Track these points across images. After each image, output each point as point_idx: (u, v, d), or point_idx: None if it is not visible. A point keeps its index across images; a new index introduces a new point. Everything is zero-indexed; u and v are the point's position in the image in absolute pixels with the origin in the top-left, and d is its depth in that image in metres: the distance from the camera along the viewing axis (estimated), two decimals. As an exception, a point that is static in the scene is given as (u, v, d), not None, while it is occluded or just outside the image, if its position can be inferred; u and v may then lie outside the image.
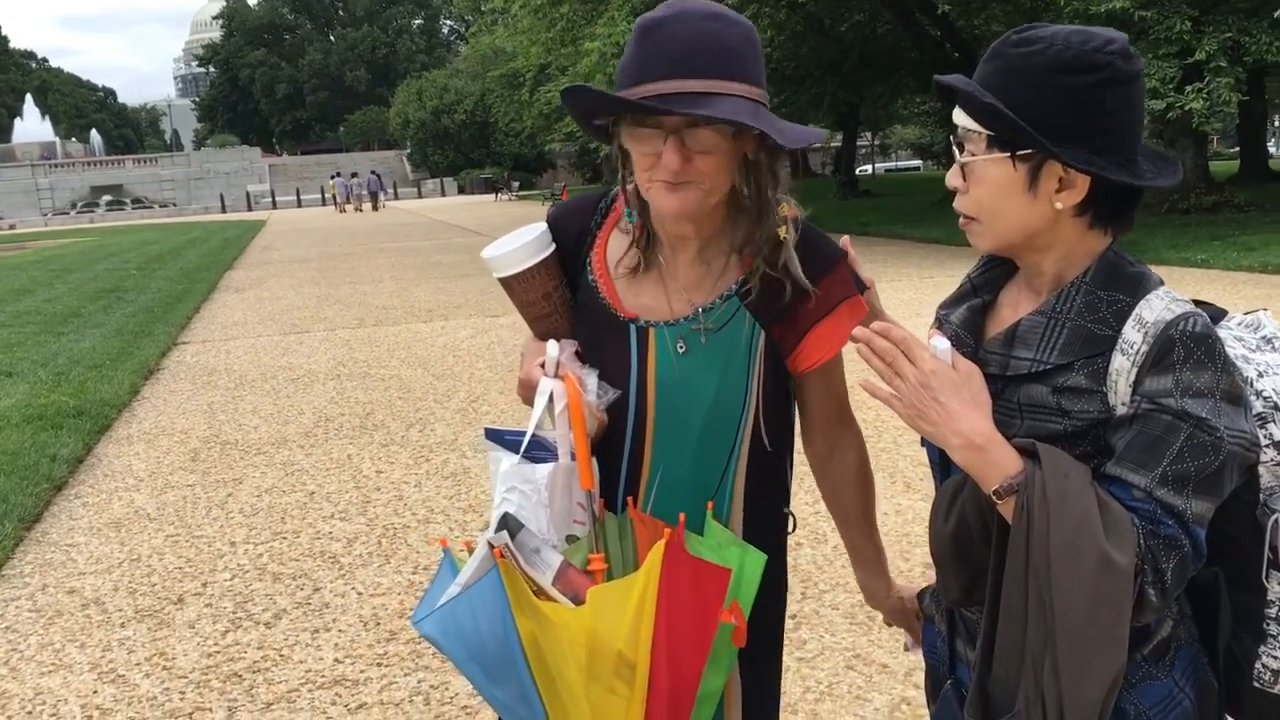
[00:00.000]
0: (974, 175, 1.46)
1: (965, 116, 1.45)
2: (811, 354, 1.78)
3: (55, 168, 70.42)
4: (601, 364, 1.74)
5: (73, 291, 17.12)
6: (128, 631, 4.28)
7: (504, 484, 1.65)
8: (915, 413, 1.42)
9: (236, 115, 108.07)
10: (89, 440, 7.34)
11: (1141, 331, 1.38)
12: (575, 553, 1.61)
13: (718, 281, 1.76)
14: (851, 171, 34.46)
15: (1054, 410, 1.43)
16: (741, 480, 1.79)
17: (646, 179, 1.62)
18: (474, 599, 1.52)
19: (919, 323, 8.98)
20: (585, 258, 1.81)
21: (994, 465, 1.38)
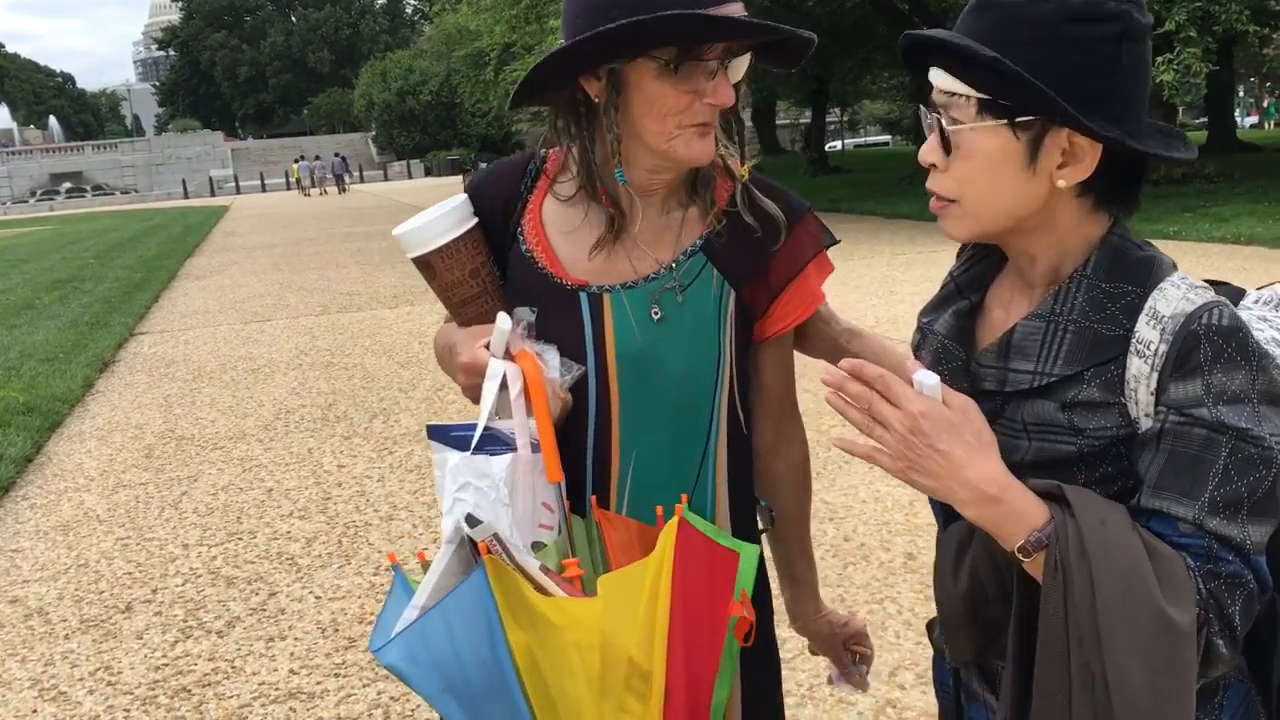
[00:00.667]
0: (960, 148, 1.22)
1: (948, 77, 1.22)
2: (783, 315, 1.59)
3: (13, 155, 69.29)
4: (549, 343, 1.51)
5: (27, 282, 16.70)
6: (72, 644, 4.05)
7: (455, 481, 1.40)
8: (907, 465, 1.17)
9: (198, 99, 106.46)
10: (39, 438, 7.06)
11: (1158, 328, 1.16)
12: (546, 559, 1.38)
13: (681, 235, 1.56)
14: (821, 148, 34.25)
15: (1065, 429, 1.21)
16: (723, 467, 1.59)
17: (675, 124, 1.41)
18: (450, 612, 1.28)
19: (892, 300, 8.84)
20: (516, 227, 1.59)
21: (1015, 517, 1.15)
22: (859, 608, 3.84)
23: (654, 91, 1.40)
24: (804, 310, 1.60)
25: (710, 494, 1.58)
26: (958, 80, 1.21)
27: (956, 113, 1.22)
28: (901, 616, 3.75)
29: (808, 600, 1.77)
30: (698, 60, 1.38)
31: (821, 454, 5.59)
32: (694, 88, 1.39)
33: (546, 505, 1.41)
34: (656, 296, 1.51)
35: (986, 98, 1.19)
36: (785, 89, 29.78)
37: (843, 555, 4.32)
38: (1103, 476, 1.20)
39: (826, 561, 4.27)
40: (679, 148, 1.43)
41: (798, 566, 1.76)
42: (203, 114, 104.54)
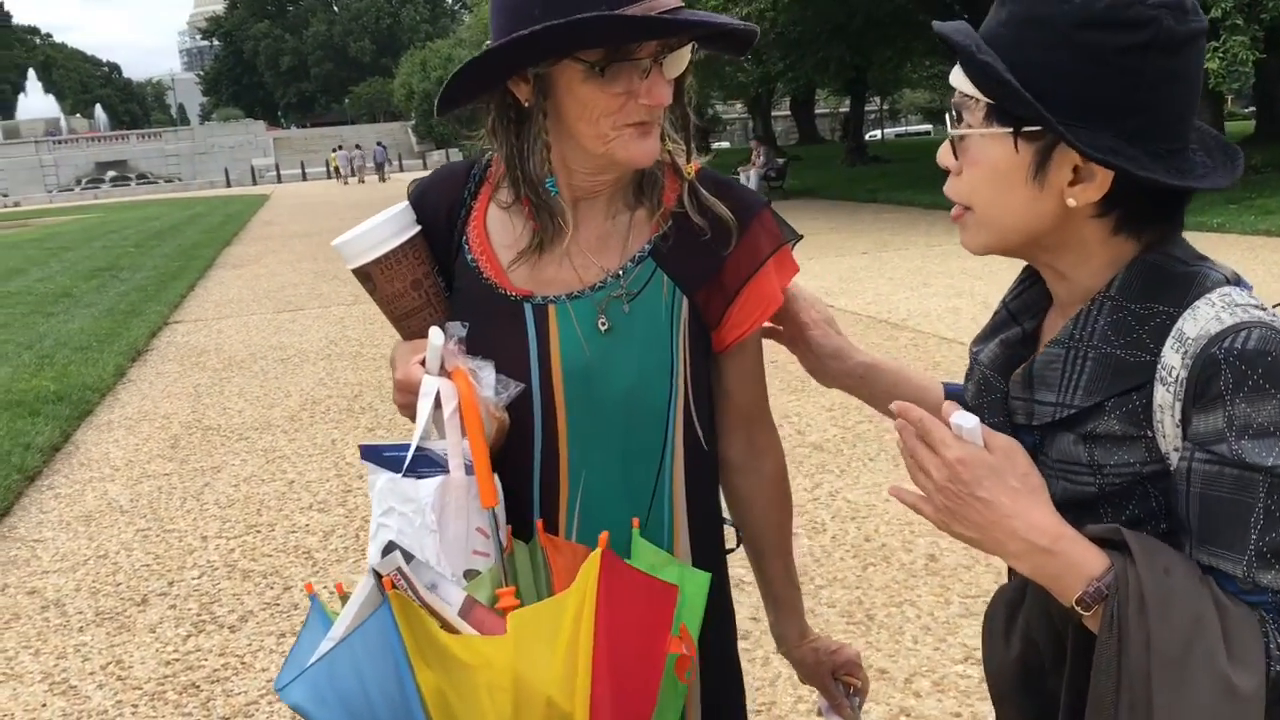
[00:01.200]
0: (968, 154, 1.14)
1: (961, 76, 1.13)
2: (741, 319, 1.49)
3: (60, 144, 70.12)
4: (493, 357, 1.41)
5: (67, 270, 16.87)
6: (85, 637, 4.05)
7: (379, 505, 1.33)
8: (949, 516, 1.08)
9: (241, 88, 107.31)
10: (67, 427, 7.10)
11: (1181, 351, 1.04)
12: (478, 589, 1.30)
13: (628, 240, 1.46)
14: (860, 137, 33.91)
15: (1084, 466, 1.11)
16: (681, 484, 1.50)
17: (610, 126, 1.32)
18: (357, 648, 1.20)
19: (925, 293, 8.72)
20: (461, 236, 1.50)
21: (1071, 568, 1.04)
22: (877, 611, 3.75)
23: (583, 95, 1.31)
24: (762, 313, 1.50)
25: (667, 513, 1.49)
26: (968, 81, 1.12)
27: (968, 115, 1.14)
28: (920, 621, 3.66)
29: (791, 624, 1.66)
30: (626, 60, 1.29)
31: (846, 450, 5.50)
32: (626, 88, 1.31)
33: (481, 530, 1.33)
34: (603, 306, 1.43)
35: (994, 103, 1.10)
36: (823, 78, 29.47)
37: (863, 556, 4.24)
38: (1130, 520, 1.09)
39: (846, 562, 4.19)
40: (617, 150, 1.35)
41: (779, 587, 1.65)
42: (246, 103, 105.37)
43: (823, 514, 4.70)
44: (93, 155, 69.85)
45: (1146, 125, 1.06)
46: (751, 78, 29.22)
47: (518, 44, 1.26)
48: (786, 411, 6.27)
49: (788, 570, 1.65)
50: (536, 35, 1.24)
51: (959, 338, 7.93)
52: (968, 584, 3.89)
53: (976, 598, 3.77)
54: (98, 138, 74.39)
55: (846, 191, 22.70)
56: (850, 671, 1.65)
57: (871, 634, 3.61)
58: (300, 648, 1.31)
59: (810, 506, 4.79)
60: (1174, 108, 1.07)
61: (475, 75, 1.33)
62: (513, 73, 1.33)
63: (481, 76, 1.34)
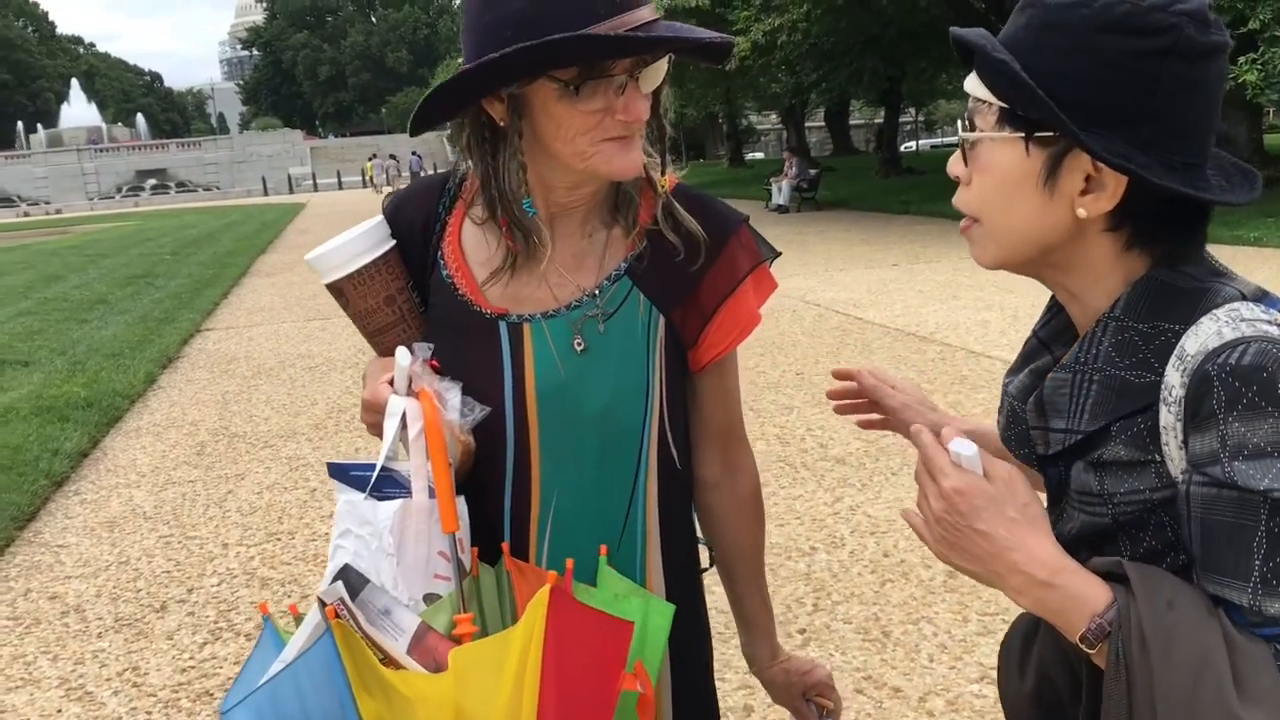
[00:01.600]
0: (978, 160, 1.11)
1: (977, 82, 1.11)
2: (718, 339, 1.47)
3: (101, 152, 71.08)
4: (467, 375, 1.39)
5: (104, 277, 17.07)
6: (104, 643, 4.07)
7: (337, 527, 1.32)
8: (947, 548, 1.06)
9: (280, 98, 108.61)
10: (96, 433, 7.17)
11: (1180, 369, 1.01)
12: (436, 614, 1.27)
13: (604, 258, 1.44)
14: (894, 148, 33.75)
15: (1095, 495, 1.07)
16: (654, 505, 1.47)
17: (587, 143, 1.30)
18: (300, 675, 1.18)
19: (955, 305, 8.67)
20: (435, 251, 1.48)
21: (1073, 602, 1.00)
22: (893, 628, 3.71)
23: (559, 113, 1.29)
24: (740, 332, 1.48)
25: (640, 535, 1.47)
26: (981, 84, 1.10)
27: (980, 120, 1.11)
28: (937, 639, 3.62)
29: (761, 644, 1.63)
30: (601, 77, 1.27)
31: (869, 464, 5.46)
32: (602, 105, 1.29)
33: (443, 554, 1.31)
34: (578, 326, 1.41)
35: (1006, 107, 1.07)
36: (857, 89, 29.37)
37: (881, 572, 4.19)
38: (1149, 552, 1.04)
39: (864, 578, 4.14)
40: (599, 165, 1.33)
41: (750, 606, 1.62)
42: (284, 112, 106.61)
43: (842, 528, 4.66)
44: (133, 163, 70.81)
45: (1161, 134, 1.03)
46: (785, 89, 29.16)
47: (490, 66, 1.25)
48: (810, 425, 6.24)
49: (760, 590, 1.63)
50: (508, 57, 1.22)
51: (987, 351, 7.86)
52: (986, 602, 3.84)
53: (995, 616, 3.72)
54: (138, 146, 75.41)
55: (879, 203, 22.58)
56: (822, 692, 1.63)
57: (887, 651, 3.57)
58: (250, 669, 1.29)
59: (830, 521, 4.75)
60: (1190, 119, 1.04)
61: (448, 98, 1.32)
62: (486, 93, 1.32)
63: (455, 98, 1.33)
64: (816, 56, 23.60)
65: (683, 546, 1.55)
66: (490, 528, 1.43)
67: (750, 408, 6.71)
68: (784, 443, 5.96)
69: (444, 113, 1.36)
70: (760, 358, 8.15)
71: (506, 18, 1.24)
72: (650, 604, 1.38)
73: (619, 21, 1.24)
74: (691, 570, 1.57)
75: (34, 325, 11.94)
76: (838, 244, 16.28)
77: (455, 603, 1.29)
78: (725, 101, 33.96)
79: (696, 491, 1.58)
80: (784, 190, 23.13)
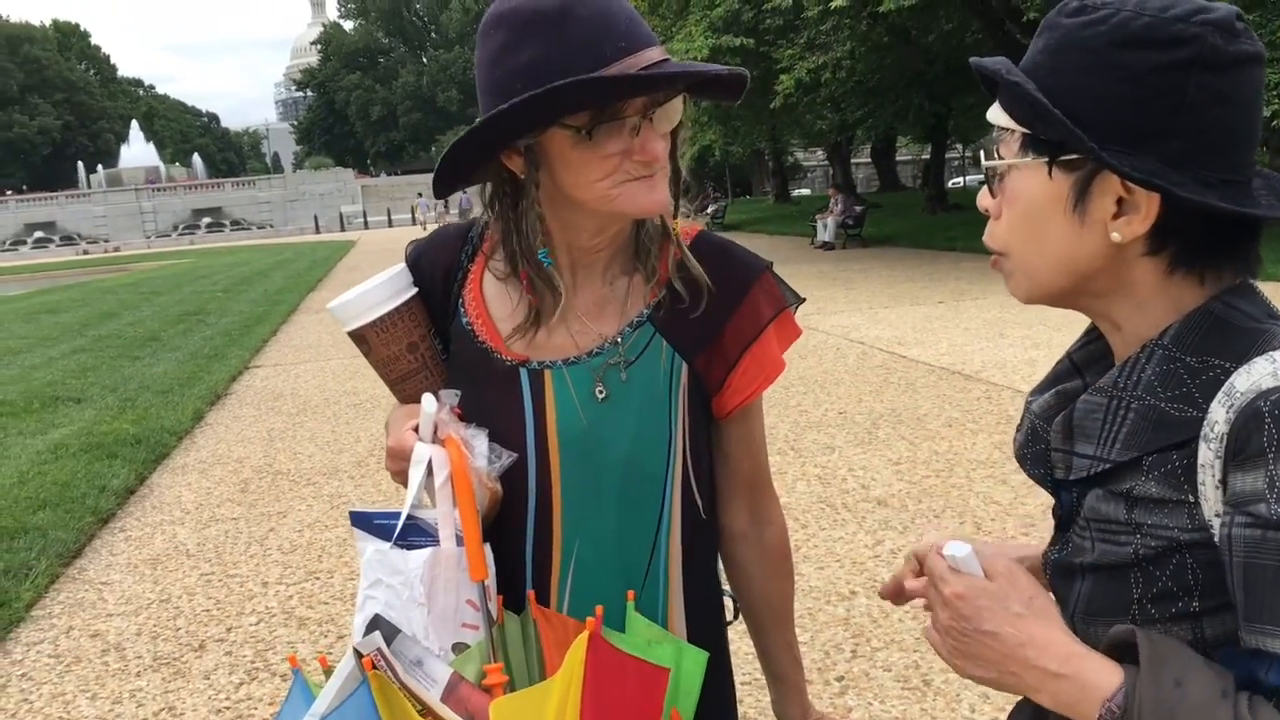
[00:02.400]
0: (1006, 192, 1.07)
1: (998, 110, 1.07)
2: (742, 386, 1.46)
3: (159, 191, 72.63)
4: (489, 422, 1.38)
5: (157, 315, 17.37)
6: (142, 682, 4.10)
7: (367, 577, 1.31)
8: (961, 659, 1.02)
9: (333, 137, 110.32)
10: (143, 470, 7.26)
11: (1227, 405, 0.94)
12: (465, 664, 1.26)
13: (626, 305, 1.44)
14: (940, 184, 33.59)
15: (1121, 524, 1.02)
16: (677, 554, 1.45)
17: (610, 184, 1.30)
18: None
19: (1001, 344, 8.55)
20: (457, 299, 1.49)
21: (1086, 690, 0.96)
22: (934, 676, 3.63)
23: (576, 160, 1.29)
24: (764, 379, 1.46)
25: (663, 585, 1.45)
26: (1003, 112, 1.06)
27: (1004, 149, 1.08)
28: (979, 688, 3.53)
29: (792, 702, 1.60)
30: (614, 120, 1.27)
31: (911, 506, 5.38)
32: (619, 148, 1.28)
33: (471, 603, 1.29)
34: (600, 373, 1.40)
35: (1028, 133, 1.04)
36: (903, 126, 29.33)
37: (922, 618, 4.10)
38: (1161, 593, 0.99)
39: (905, 624, 4.07)
40: (625, 205, 1.32)
41: (781, 662, 1.59)
42: (336, 152, 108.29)
43: (883, 572, 4.58)
44: (189, 202, 72.23)
45: (1193, 150, 0.98)
46: (831, 125, 29.18)
47: (497, 119, 1.25)
48: (852, 465, 6.17)
49: (789, 644, 1.60)
50: (514, 108, 1.22)
51: (1034, 391, 7.74)
52: (1030, 650, 3.75)
53: (1038, 665, 3.63)
54: (194, 185, 76.91)
55: (925, 239, 22.45)
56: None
57: (927, 700, 3.49)
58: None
59: (870, 564, 4.68)
60: (1223, 132, 0.99)
61: (464, 156, 1.32)
62: (501, 148, 1.32)
63: (471, 156, 1.33)
64: (861, 94, 23.61)
65: (707, 597, 1.52)
66: (512, 575, 1.41)
67: (792, 447, 6.66)
68: (825, 483, 5.90)
69: (464, 173, 1.37)
70: (803, 396, 8.09)
71: (516, 71, 1.25)
72: (683, 651, 1.37)
73: (627, 64, 1.24)
74: (716, 622, 1.55)
75: (87, 362, 12.15)
76: (882, 281, 16.19)
77: (485, 652, 1.28)
78: (771, 139, 34.00)
79: (722, 542, 1.56)
80: (829, 227, 23.07)
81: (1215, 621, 0.97)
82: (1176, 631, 0.99)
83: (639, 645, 1.34)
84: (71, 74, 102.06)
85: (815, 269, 18.73)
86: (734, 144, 32.46)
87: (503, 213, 1.40)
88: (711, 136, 28.66)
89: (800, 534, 5.11)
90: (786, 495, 5.69)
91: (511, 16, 1.26)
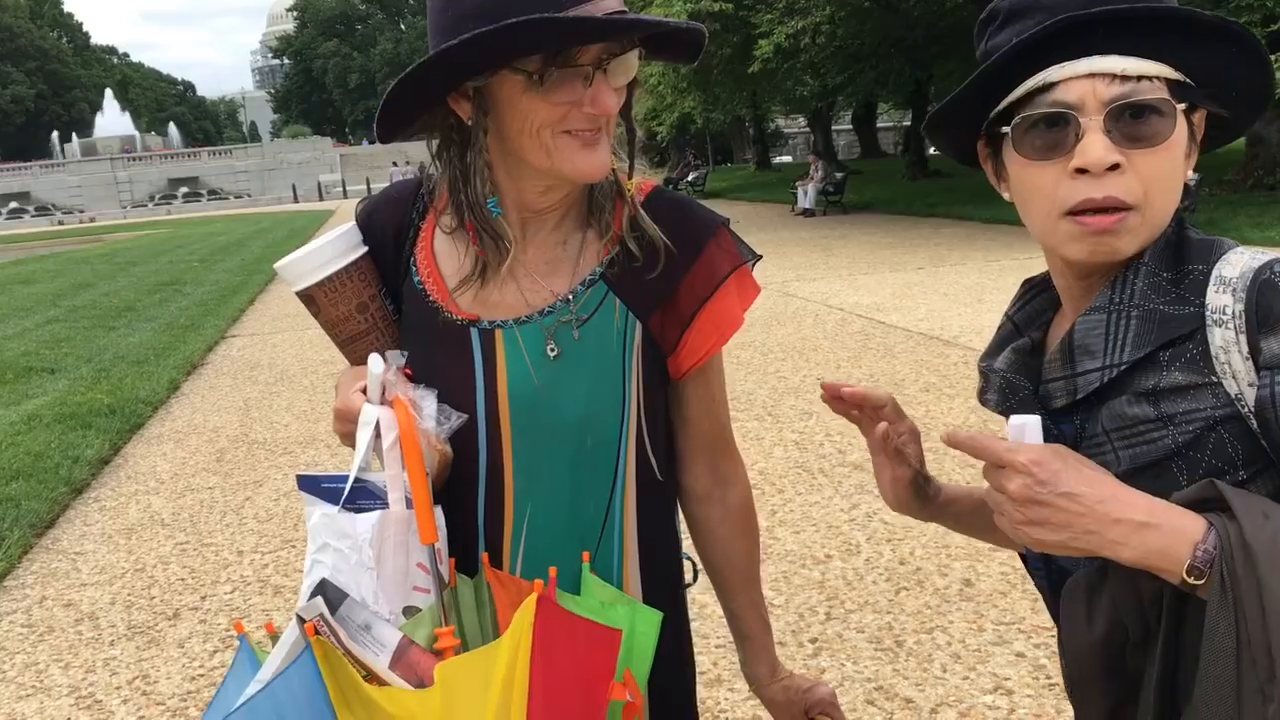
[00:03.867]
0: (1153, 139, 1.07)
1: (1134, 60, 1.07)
2: (698, 345, 1.42)
3: (134, 161, 71.98)
4: (439, 384, 1.35)
5: (133, 285, 17.24)
6: (115, 650, 4.08)
7: (314, 541, 1.28)
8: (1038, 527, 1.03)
9: (310, 106, 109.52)
10: (117, 440, 7.21)
11: (1228, 290, 1.05)
12: (417, 628, 1.25)
13: (579, 263, 1.40)
14: (921, 151, 33.47)
15: (1152, 422, 1.06)
16: (631, 517, 1.43)
17: (551, 134, 1.27)
18: (279, 694, 1.15)
19: (980, 309, 8.55)
20: (409, 258, 1.45)
21: (1174, 536, 0.99)
22: (906, 637, 3.65)
23: (524, 106, 1.25)
24: (720, 337, 1.43)
25: (617, 547, 1.43)
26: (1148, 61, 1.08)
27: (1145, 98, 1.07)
28: (950, 648, 3.55)
29: (760, 662, 1.58)
30: (568, 66, 1.23)
31: (887, 471, 5.38)
32: (569, 98, 1.25)
33: (422, 566, 1.27)
34: (551, 331, 1.37)
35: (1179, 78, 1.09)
36: (883, 92, 29.21)
37: (896, 580, 4.13)
38: (1208, 472, 1.04)
39: (879, 585, 4.09)
40: (562, 164, 1.29)
41: (746, 622, 1.57)
42: (314, 120, 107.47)
43: (858, 535, 4.60)
44: (165, 172, 71.64)
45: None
46: (811, 92, 29.04)
47: (448, 55, 1.21)
48: (829, 431, 6.18)
49: (756, 605, 1.57)
50: (466, 44, 1.19)
51: (1011, 355, 7.76)
52: (1003, 610, 3.77)
53: (1011, 625, 3.66)
54: (171, 155, 76.28)
55: (906, 206, 22.44)
56: (825, 710, 1.56)
57: (899, 661, 3.51)
58: (226, 690, 1.26)
59: (846, 528, 4.70)
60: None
61: (412, 93, 1.28)
62: (451, 88, 1.28)
63: (418, 93, 1.28)
64: (842, 59, 23.45)
65: (664, 560, 1.50)
66: (464, 538, 1.39)
67: (770, 413, 6.66)
68: (802, 449, 5.90)
69: (409, 114, 1.33)
70: (781, 362, 8.09)
71: (468, 11, 1.21)
72: (637, 611, 1.35)
73: (583, 11, 1.20)
74: (673, 586, 1.52)
75: (61, 333, 12.06)
76: (862, 247, 16.18)
77: (436, 615, 1.26)
78: (751, 105, 33.84)
79: (685, 504, 1.54)
80: (810, 194, 23.03)
81: (1258, 485, 1.04)
82: None
83: (593, 607, 1.32)
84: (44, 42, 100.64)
85: (795, 235, 18.70)
86: (714, 111, 32.26)
87: (450, 161, 1.36)
88: (691, 103, 28.44)
89: (777, 499, 5.12)
90: (764, 460, 5.70)
91: None
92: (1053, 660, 3.39)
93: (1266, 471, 1.04)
